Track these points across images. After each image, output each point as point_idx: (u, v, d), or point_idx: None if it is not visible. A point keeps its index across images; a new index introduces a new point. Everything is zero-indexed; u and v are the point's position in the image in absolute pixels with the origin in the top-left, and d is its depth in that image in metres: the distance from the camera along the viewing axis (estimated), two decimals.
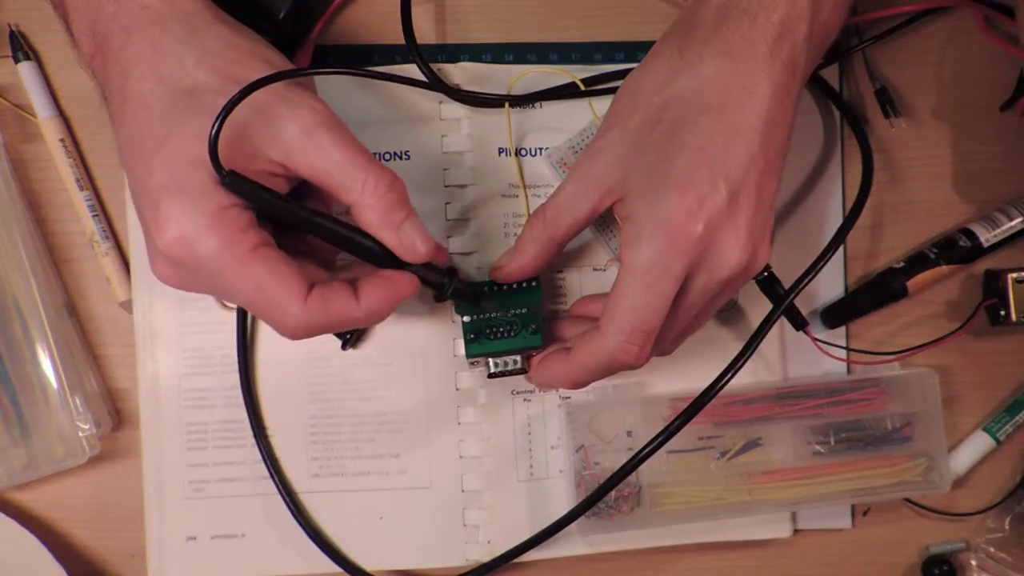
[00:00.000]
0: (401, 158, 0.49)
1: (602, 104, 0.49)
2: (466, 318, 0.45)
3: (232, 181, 0.35)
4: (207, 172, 0.35)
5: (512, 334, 0.45)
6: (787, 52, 0.39)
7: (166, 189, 0.35)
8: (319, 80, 0.48)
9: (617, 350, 0.39)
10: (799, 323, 0.47)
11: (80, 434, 0.47)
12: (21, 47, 0.49)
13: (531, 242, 0.43)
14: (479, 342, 0.45)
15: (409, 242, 0.38)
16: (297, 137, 0.36)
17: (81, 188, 0.49)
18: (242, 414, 0.48)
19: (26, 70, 0.49)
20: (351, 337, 0.48)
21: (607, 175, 0.40)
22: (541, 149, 0.49)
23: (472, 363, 0.48)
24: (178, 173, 0.35)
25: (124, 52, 0.37)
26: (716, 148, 0.38)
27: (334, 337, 0.48)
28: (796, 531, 0.51)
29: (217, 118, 0.34)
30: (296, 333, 0.37)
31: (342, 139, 0.37)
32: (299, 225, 0.38)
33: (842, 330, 0.51)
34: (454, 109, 0.49)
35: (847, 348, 0.51)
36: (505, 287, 0.45)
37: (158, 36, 0.37)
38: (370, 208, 0.37)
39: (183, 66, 0.37)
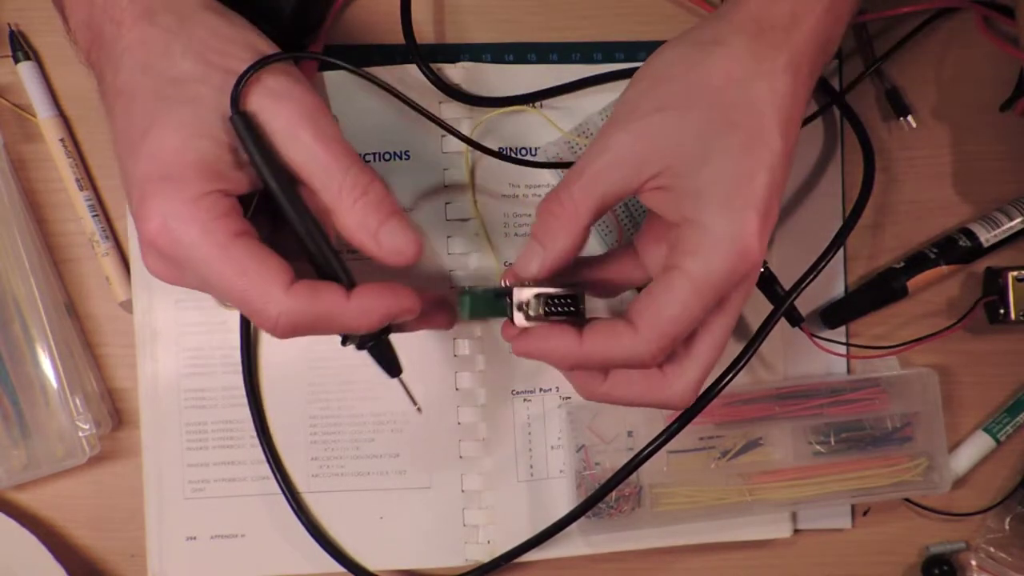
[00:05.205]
0: (401, 158, 0.49)
1: (599, 103, 0.49)
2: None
3: (239, 119, 0.34)
4: (190, 160, 0.35)
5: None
6: (818, 66, 0.39)
7: (149, 178, 0.34)
8: (327, 83, 0.48)
9: (647, 354, 0.37)
10: (795, 319, 0.47)
11: (80, 434, 0.47)
12: (21, 47, 0.49)
13: (558, 230, 0.38)
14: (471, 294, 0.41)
15: (390, 245, 0.36)
16: (277, 131, 0.35)
17: (81, 188, 0.49)
18: (242, 414, 0.48)
19: (26, 70, 0.49)
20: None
21: (659, 157, 0.37)
22: (540, 149, 0.49)
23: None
24: (161, 162, 0.35)
25: (116, 44, 0.37)
26: (779, 172, 0.37)
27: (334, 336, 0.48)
28: (796, 531, 0.51)
29: (244, 74, 0.35)
30: (279, 323, 0.35)
31: (323, 135, 0.35)
32: (281, 208, 0.36)
33: (842, 330, 0.51)
34: (454, 109, 0.49)
35: (847, 344, 0.51)
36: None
37: (146, 28, 0.37)
38: (347, 213, 0.36)
39: (170, 56, 0.36)
